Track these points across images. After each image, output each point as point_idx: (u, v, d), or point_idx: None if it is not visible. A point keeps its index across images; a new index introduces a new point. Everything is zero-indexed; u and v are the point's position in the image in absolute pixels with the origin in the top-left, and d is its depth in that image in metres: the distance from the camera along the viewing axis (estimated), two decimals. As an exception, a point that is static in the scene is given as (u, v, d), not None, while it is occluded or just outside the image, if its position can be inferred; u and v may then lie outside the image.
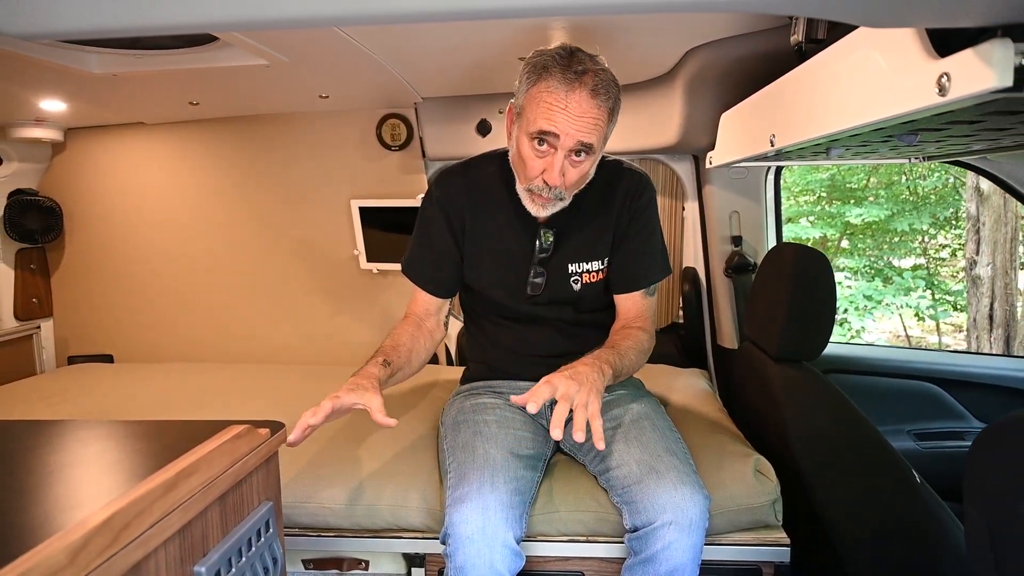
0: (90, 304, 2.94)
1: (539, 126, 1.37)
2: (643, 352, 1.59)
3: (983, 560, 1.19)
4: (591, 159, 1.44)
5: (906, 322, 7.76)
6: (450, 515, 1.33)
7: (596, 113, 1.36)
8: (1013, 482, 1.11)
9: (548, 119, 1.36)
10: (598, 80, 1.35)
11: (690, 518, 1.32)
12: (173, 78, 2.03)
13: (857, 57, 1.00)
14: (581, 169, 1.43)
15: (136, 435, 1.06)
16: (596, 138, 1.39)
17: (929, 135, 1.24)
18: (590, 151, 1.41)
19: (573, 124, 1.35)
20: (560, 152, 1.39)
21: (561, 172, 1.40)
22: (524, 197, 1.51)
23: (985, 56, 0.68)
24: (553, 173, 1.40)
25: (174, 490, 0.84)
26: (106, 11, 0.66)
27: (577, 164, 1.42)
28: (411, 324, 1.65)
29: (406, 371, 1.58)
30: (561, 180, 1.41)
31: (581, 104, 1.34)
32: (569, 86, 1.34)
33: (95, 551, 0.70)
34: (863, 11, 0.66)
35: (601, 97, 1.35)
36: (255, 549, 1.02)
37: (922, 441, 2.37)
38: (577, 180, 1.46)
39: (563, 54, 1.36)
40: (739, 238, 2.44)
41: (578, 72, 1.34)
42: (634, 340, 1.55)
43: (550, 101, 1.35)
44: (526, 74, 1.41)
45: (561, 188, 1.44)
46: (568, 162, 1.41)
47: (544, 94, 1.36)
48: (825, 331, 1.67)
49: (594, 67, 1.36)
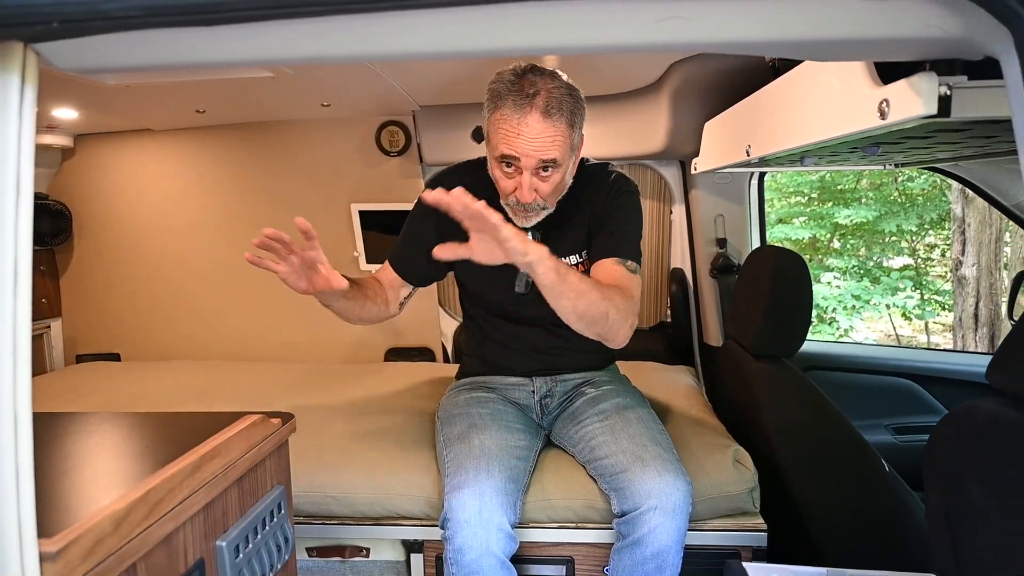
0: (98, 304, 3.02)
1: (501, 151, 1.46)
2: (606, 295, 1.41)
3: (941, 540, 1.29)
4: (559, 170, 1.50)
5: (896, 322, 7.87)
6: (448, 501, 1.42)
7: (552, 132, 1.43)
8: (966, 468, 1.21)
9: (507, 144, 1.44)
10: (550, 99, 1.41)
11: (674, 503, 1.41)
12: (182, 88, 2.12)
13: (818, 79, 1.10)
14: (552, 181, 1.50)
15: (158, 425, 1.15)
16: (557, 153, 1.45)
17: (891, 147, 1.34)
18: (555, 164, 1.47)
19: (530, 146, 1.43)
20: (526, 172, 1.47)
21: (532, 188, 1.48)
22: (508, 212, 1.58)
23: (915, 86, 0.78)
24: (523, 192, 1.49)
25: (199, 471, 0.93)
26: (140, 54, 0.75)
27: (546, 178, 1.49)
28: (375, 283, 1.68)
29: (355, 307, 1.56)
30: (533, 196, 1.49)
31: (533, 127, 1.41)
32: (520, 111, 1.41)
33: (135, 521, 0.79)
34: (814, 52, 0.76)
35: (554, 116, 1.42)
36: (269, 528, 1.11)
37: (899, 435, 2.47)
38: (553, 190, 1.53)
39: (514, 79, 1.43)
40: (724, 240, 2.54)
41: (529, 95, 1.41)
42: (602, 286, 1.46)
43: (506, 128, 1.43)
44: (487, 101, 1.49)
45: (536, 201, 1.51)
46: (537, 178, 1.48)
47: (500, 122, 1.44)
48: (801, 330, 1.77)
49: (547, 86, 1.43)
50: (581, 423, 1.67)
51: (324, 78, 2.10)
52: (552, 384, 1.78)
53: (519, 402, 1.78)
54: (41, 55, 0.70)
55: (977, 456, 1.19)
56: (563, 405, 1.78)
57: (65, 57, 0.72)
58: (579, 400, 1.74)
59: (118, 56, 0.72)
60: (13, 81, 0.68)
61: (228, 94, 2.25)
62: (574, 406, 1.74)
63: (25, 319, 0.65)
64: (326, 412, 2.05)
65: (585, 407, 1.70)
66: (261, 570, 1.07)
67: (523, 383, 1.79)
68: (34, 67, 0.70)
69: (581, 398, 1.74)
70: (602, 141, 2.37)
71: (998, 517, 1.12)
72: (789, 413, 1.75)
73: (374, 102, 2.45)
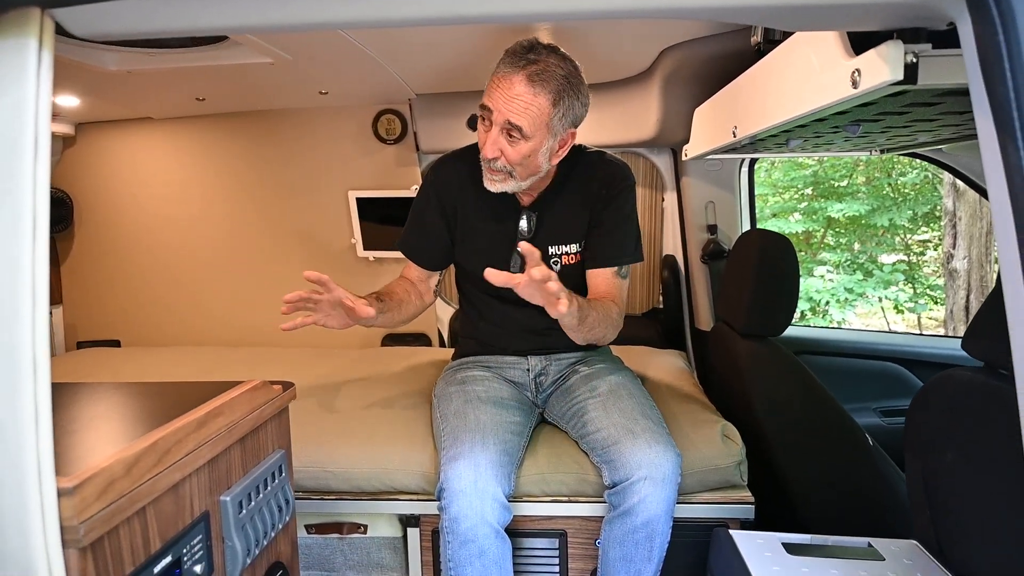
0: (98, 291, 3.06)
1: (483, 101, 1.52)
2: (609, 318, 1.62)
3: (920, 503, 1.34)
4: (528, 143, 1.52)
5: (891, 317, 7.93)
6: (445, 472, 1.46)
7: (529, 99, 1.47)
8: (943, 433, 1.27)
9: (488, 95, 1.51)
10: (539, 68, 1.47)
11: (663, 473, 1.46)
12: (183, 75, 2.16)
13: (796, 56, 1.14)
14: (519, 151, 1.53)
15: (164, 393, 1.19)
16: (527, 121, 1.49)
17: (872, 126, 1.38)
18: (521, 133, 1.50)
19: (504, 103, 1.48)
20: (495, 128, 1.51)
21: (495, 145, 1.52)
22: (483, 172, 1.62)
23: (883, 55, 0.83)
24: (487, 145, 1.53)
25: (204, 427, 0.98)
26: (152, 18, 0.79)
27: (513, 143, 1.52)
28: (405, 282, 1.82)
29: (395, 316, 1.72)
30: (496, 152, 1.53)
31: (515, 87, 1.47)
32: (511, 69, 1.48)
33: (145, 467, 0.83)
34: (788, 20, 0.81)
35: (538, 85, 1.47)
36: (270, 489, 1.16)
37: (887, 417, 2.52)
38: (520, 161, 1.54)
39: (523, 45, 1.50)
40: (714, 227, 2.58)
41: (527, 60, 1.47)
42: (603, 305, 1.62)
43: (496, 81, 1.50)
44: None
45: (501, 162, 1.54)
46: (505, 140, 1.52)
47: (495, 77, 1.51)
48: (788, 309, 1.81)
49: (546, 59, 1.48)
50: (574, 399, 1.71)
51: (323, 65, 2.14)
52: (547, 363, 1.83)
53: (514, 380, 1.82)
54: (58, 20, 0.74)
55: (953, 421, 1.24)
56: (557, 383, 1.82)
57: (81, 22, 0.76)
58: (573, 378, 1.78)
59: (133, 21, 0.77)
60: (31, 46, 0.72)
61: (228, 81, 2.29)
62: (568, 383, 1.78)
63: (43, 261, 0.69)
64: (325, 391, 2.09)
65: (578, 384, 1.74)
66: (263, 528, 1.11)
67: (518, 362, 1.83)
68: (51, 33, 0.74)
69: (575, 376, 1.79)
70: (594, 129, 2.40)
71: (972, 477, 1.17)
72: (776, 390, 1.80)
73: (371, 90, 2.49)
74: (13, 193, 0.69)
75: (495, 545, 1.44)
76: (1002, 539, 1.09)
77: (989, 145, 0.62)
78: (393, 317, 1.71)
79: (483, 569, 1.43)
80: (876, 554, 1.35)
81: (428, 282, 1.86)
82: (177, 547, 0.90)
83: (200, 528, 0.96)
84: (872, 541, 1.40)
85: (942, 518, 1.28)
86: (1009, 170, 0.60)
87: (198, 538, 0.95)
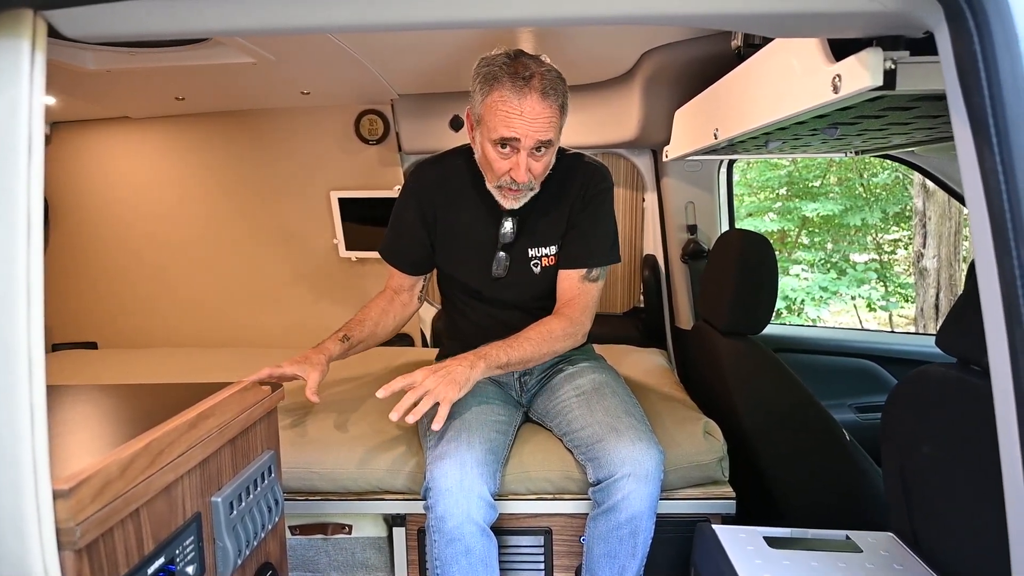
0: (75, 293, 3.02)
1: (500, 133, 1.51)
2: (552, 339, 1.63)
3: (897, 497, 1.38)
4: (551, 151, 1.59)
5: (863, 315, 8.08)
6: (431, 471, 1.47)
7: (549, 112, 1.50)
8: (919, 428, 1.30)
9: (507, 126, 1.50)
10: (545, 81, 1.49)
11: (647, 469, 1.47)
12: (163, 74, 2.13)
13: (778, 61, 1.17)
14: (544, 161, 1.58)
15: (151, 394, 1.18)
16: (553, 134, 1.53)
17: (848, 129, 1.42)
18: (549, 145, 1.55)
19: (530, 127, 1.49)
20: (523, 152, 1.53)
21: (527, 169, 1.55)
22: (496, 194, 1.65)
23: (863, 61, 0.86)
24: (520, 172, 1.55)
25: (196, 428, 0.98)
26: (145, 21, 0.79)
27: (539, 158, 1.56)
28: (384, 298, 1.86)
29: (370, 342, 1.83)
30: (528, 176, 1.56)
31: (534, 107, 1.48)
32: (520, 93, 1.47)
33: (139, 468, 0.84)
34: (771, 27, 0.83)
35: (551, 97, 1.49)
36: (260, 489, 1.16)
37: (861, 413, 2.57)
38: (542, 171, 1.60)
39: (508, 61, 1.50)
40: (694, 227, 2.62)
41: (526, 78, 1.47)
42: (542, 329, 1.64)
43: (506, 110, 1.49)
44: (479, 84, 1.54)
45: (529, 181, 1.58)
46: (531, 158, 1.55)
47: (499, 103, 1.49)
48: (767, 307, 1.85)
49: (539, 69, 1.49)
50: (558, 398, 1.73)
51: (305, 65, 2.13)
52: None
53: (499, 380, 1.83)
54: (50, 22, 0.74)
55: (927, 416, 1.28)
56: (541, 382, 1.83)
57: (73, 24, 0.76)
58: (557, 376, 1.80)
59: (126, 23, 0.77)
60: (24, 47, 0.72)
61: (209, 81, 2.27)
62: (552, 383, 1.80)
63: (37, 261, 0.69)
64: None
65: (562, 383, 1.76)
66: (253, 528, 1.11)
67: None
68: (43, 34, 0.74)
69: (559, 375, 1.80)
70: (576, 130, 2.42)
71: (946, 470, 1.21)
72: (756, 387, 1.83)
73: (353, 90, 2.49)
74: (6, 195, 0.69)
75: (481, 543, 1.45)
76: (976, 529, 1.12)
77: (966, 149, 0.64)
78: (368, 344, 1.83)
79: (469, 567, 1.43)
80: (854, 546, 1.39)
81: (412, 290, 1.88)
82: (170, 548, 0.90)
83: (192, 529, 0.96)
84: (850, 534, 1.44)
85: (917, 510, 1.32)
86: (984, 173, 0.63)
87: (190, 539, 0.95)
